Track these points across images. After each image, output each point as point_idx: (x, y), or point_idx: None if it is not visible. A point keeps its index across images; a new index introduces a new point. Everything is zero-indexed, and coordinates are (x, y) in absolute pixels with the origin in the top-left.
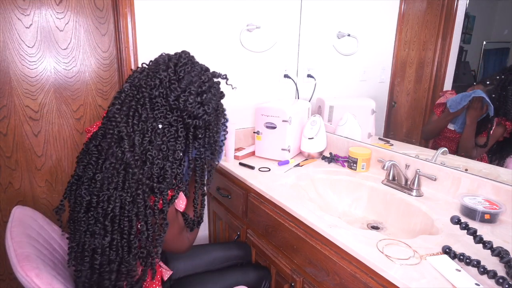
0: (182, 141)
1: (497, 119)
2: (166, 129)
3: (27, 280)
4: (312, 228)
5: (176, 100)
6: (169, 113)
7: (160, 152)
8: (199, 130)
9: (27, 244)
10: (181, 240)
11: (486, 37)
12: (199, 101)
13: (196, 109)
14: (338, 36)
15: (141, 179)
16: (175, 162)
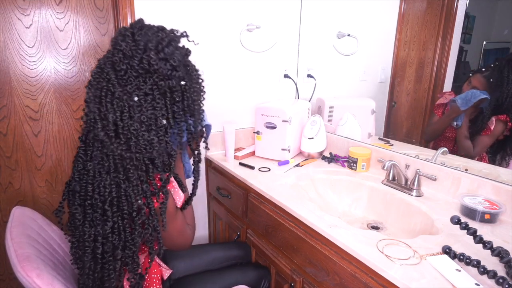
0: (162, 108)
1: (495, 117)
2: (142, 100)
3: (28, 281)
4: (312, 228)
5: (141, 63)
6: (142, 83)
7: (142, 124)
8: (175, 93)
9: (27, 244)
10: (184, 235)
11: (486, 37)
12: (162, 57)
13: (162, 66)
14: (338, 36)
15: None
16: (159, 130)
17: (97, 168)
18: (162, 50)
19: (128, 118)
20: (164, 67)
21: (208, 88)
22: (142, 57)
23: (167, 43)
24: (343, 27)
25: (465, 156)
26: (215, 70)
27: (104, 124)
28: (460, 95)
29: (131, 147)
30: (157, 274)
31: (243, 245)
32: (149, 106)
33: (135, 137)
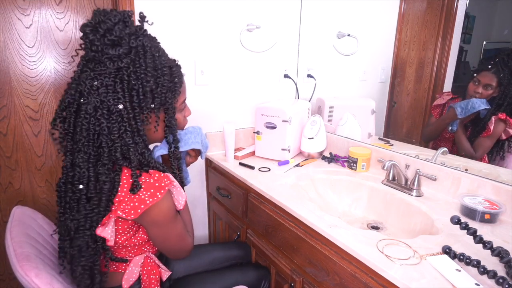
0: (118, 92)
1: (495, 116)
2: (99, 84)
3: (26, 280)
4: (312, 228)
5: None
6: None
7: (96, 108)
8: (131, 75)
9: (26, 244)
10: (184, 241)
11: (486, 37)
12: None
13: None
14: (338, 36)
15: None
16: (111, 115)
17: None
18: (99, 26)
19: (86, 102)
20: (104, 42)
21: (208, 88)
22: (85, 40)
23: (105, 20)
24: (343, 27)
25: (465, 156)
26: (215, 70)
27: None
28: (460, 102)
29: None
30: (156, 275)
31: (243, 245)
32: (103, 89)
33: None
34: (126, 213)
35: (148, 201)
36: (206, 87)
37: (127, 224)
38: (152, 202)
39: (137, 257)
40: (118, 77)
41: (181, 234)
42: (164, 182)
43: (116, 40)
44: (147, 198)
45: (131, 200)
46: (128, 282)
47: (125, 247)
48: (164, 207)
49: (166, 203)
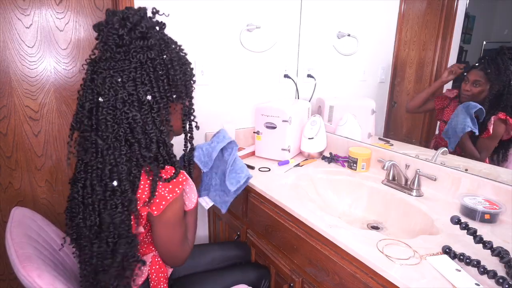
0: (146, 83)
1: (494, 116)
2: (125, 79)
3: (29, 281)
4: (312, 228)
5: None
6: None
7: (124, 102)
8: (158, 66)
9: (27, 244)
10: (183, 248)
11: (486, 37)
12: (129, 27)
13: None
14: (338, 36)
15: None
16: (142, 106)
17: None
18: (127, 19)
19: (112, 96)
20: (133, 36)
21: (208, 88)
22: (112, 34)
23: (132, 14)
24: (343, 27)
25: (469, 157)
26: (215, 70)
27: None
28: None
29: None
30: (164, 273)
31: (243, 245)
32: (131, 83)
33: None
34: (152, 210)
35: (169, 197)
36: (206, 87)
37: (145, 221)
38: (172, 198)
39: (145, 257)
40: (144, 69)
41: (183, 239)
42: (181, 178)
43: (144, 32)
44: (167, 194)
45: (161, 200)
46: (137, 281)
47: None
48: (177, 205)
49: (180, 201)
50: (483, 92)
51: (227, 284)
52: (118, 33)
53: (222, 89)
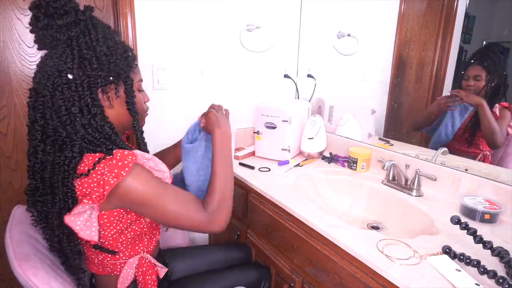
0: (67, 62)
1: (499, 104)
2: (48, 61)
3: (24, 279)
4: (312, 228)
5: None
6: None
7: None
8: (82, 45)
9: (26, 243)
10: (194, 213)
11: (486, 37)
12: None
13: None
14: (338, 36)
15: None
16: (57, 87)
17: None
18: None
19: (36, 84)
20: (49, 15)
21: (208, 88)
22: (31, 19)
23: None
24: (343, 27)
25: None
26: (215, 70)
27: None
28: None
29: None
30: (153, 275)
31: (243, 247)
32: (52, 63)
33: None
34: (93, 200)
35: (112, 181)
36: (206, 87)
37: (113, 215)
38: (116, 182)
39: (131, 259)
40: (69, 48)
41: (184, 204)
42: (128, 159)
43: (62, 11)
44: (111, 179)
45: (99, 186)
46: (123, 285)
47: (117, 241)
48: (134, 183)
49: (136, 179)
50: (484, 85)
51: (227, 285)
52: (33, 14)
53: (222, 89)
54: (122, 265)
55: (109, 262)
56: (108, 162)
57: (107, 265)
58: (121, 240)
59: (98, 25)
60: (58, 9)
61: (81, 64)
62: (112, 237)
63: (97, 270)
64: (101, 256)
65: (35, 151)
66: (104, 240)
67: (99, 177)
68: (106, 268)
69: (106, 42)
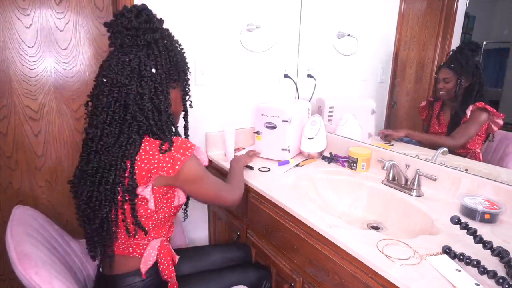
0: (151, 58)
1: (472, 105)
2: (131, 56)
3: (26, 278)
4: (312, 228)
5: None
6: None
7: (126, 77)
8: (161, 47)
9: (27, 242)
10: (227, 191)
11: (486, 37)
12: (135, 11)
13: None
14: (338, 36)
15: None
16: (143, 79)
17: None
18: (133, 7)
19: (116, 75)
20: (140, 19)
21: (208, 88)
22: (122, 20)
23: (136, 5)
24: (343, 27)
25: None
26: (215, 70)
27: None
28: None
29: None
30: (170, 260)
31: (243, 247)
32: (136, 60)
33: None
34: (166, 171)
35: (182, 158)
36: (206, 87)
37: (159, 192)
38: (185, 159)
39: (154, 241)
40: (150, 48)
41: (218, 184)
42: (188, 144)
43: (150, 15)
44: (181, 156)
45: (166, 161)
46: (146, 265)
47: (149, 220)
48: (194, 163)
49: (195, 160)
50: (454, 87)
51: (227, 285)
52: (127, 17)
53: (222, 89)
54: (144, 247)
55: (133, 242)
56: (173, 143)
57: (131, 245)
58: (153, 219)
59: (169, 33)
60: (148, 16)
61: (161, 61)
62: (148, 214)
63: (117, 250)
64: (139, 232)
65: (101, 134)
66: (141, 216)
67: (167, 155)
68: (128, 248)
69: (177, 47)
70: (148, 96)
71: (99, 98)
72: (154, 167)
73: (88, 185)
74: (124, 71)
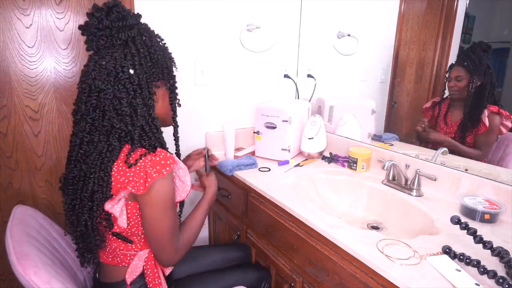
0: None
1: (487, 110)
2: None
3: (25, 278)
4: (312, 228)
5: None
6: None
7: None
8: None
9: (26, 242)
10: (172, 242)
11: (486, 37)
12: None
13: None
14: (338, 36)
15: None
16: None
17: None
18: (103, 5)
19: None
20: (111, 17)
21: (208, 88)
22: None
23: (107, 3)
24: (343, 27)
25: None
26: (215, 70)
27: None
28: None
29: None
30: (159, 271)
31: (243, 247)
32: (112, 62)
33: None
34: (136, 188)
35: (155, 175)
36: (206, 87)
37: (136, 207)
38: (157, 177)
39: (141, 252)
40: (126, 47)
41: (173, 230)
42: (169, 161)
43: (121, 13)
44: (154, 173)
45: (140, 177)
46: (131, 275)
47: (134, 231)
48: (165, 186)
49: (168, 183)
50: (466, 86)
51: (227, 285)
52: (96, 17)
53: (222, 89)
54: (131, 257)
55: (120, 251)
56: (152, 157)
57: (118, 254)
58: (138, 231)
59: (147, 28)
60: (120, 13)
61: (140, 60)
62: (131, 226)
63: (106, 259)
64: (115, 244)
65: (81, 142)
66: (131, 229)
67: (142, 169)
68: (116, 258)
69: (158, 43)
70: (126, 100)
71: (79, 105)
72: (123, 180)
73: (70, 193)
74: (101, 75)
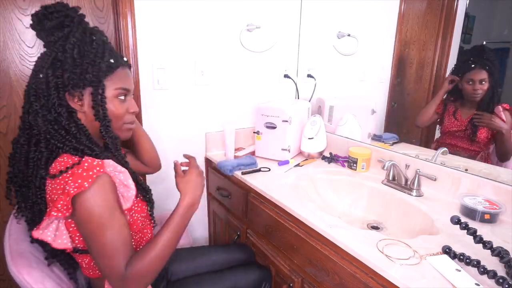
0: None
1: (501, 105)
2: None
3: (18, 278)
4: (312, 228)
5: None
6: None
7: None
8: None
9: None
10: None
11: (486, 37)
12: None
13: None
14: (338, 36)
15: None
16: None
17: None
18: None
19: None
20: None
21: (208, 88)
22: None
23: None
24: (343, 27)
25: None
26: (215, 70)
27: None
28: None
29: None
30: None
31: (244, 248)
32: (38, 57)
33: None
34: (61, 212)
35: (72, 191)
36: (206, 87)
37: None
38: (76, 192)
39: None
40: (49, 50)
41: (112, 252)
42: (94, 170)
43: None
44: (72, 189)
45: (63, 193)
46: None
47: None
48: (91, 199)
49: (94, 194)
50: (489, 88)
51: (227, 286)
52: (34, 16)
53: (222, 89)
54: None
55: (95, 264)
56: (75, 169)
57: (95, 267)
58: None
59: (81, 30)
60: (51, 14)
61: (52, 65)
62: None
63: (88, 273)
64: (86, 259)
65: (16, 142)
66: (82, 245)
67: (64, 184)
68: (95, 271)
69: (81, 47)
70: (38, 103)
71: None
72: (49, 193)
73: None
74: (31, 76)
